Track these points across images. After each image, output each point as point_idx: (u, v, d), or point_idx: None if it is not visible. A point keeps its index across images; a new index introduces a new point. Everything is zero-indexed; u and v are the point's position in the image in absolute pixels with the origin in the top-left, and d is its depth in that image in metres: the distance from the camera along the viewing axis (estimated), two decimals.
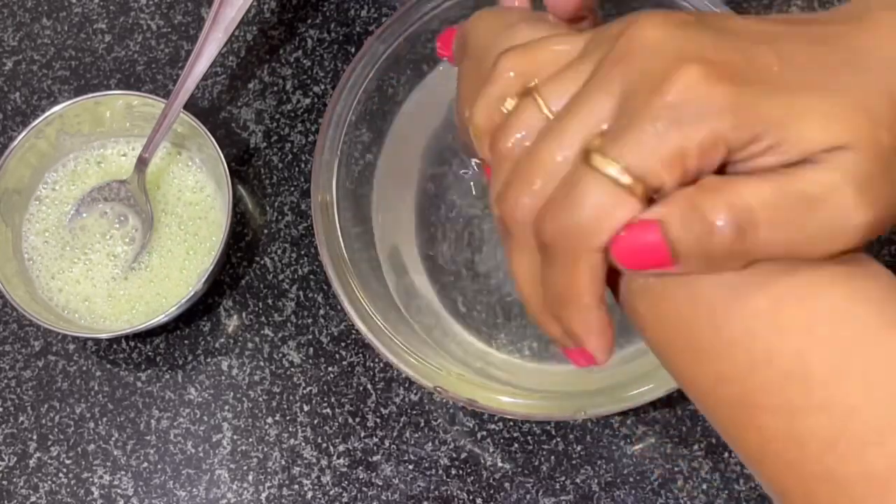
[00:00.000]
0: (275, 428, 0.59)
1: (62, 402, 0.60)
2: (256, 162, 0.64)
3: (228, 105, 0.65)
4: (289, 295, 0.61)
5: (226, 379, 0.60)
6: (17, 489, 0.59)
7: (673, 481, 0.57)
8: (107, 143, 0.63)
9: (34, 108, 0.66)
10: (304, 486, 0.58)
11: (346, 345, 0.60)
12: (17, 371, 0.61)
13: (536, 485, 0.57)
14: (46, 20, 0.67)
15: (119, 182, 0.61)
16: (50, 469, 0.59)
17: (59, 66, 0.66)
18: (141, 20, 0.67)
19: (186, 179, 0.62)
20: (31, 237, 0.61)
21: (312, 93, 0.64)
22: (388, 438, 0.58)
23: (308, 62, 0.65)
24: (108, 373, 0.61)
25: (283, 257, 0.62)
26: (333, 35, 0.65)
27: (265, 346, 0.60)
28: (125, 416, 0.60)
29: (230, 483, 0.58)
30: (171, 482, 0.59)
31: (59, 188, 0.62)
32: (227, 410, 0.60)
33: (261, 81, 0.65)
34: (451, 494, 0.57)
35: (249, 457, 0.59)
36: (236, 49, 0.66)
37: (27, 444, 0.60)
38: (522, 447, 0.58)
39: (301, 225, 0.62)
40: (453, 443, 0.58)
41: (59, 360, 0.61)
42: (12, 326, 0.62)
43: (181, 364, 0.61)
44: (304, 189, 0.63)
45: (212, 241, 0.61)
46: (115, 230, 0.61)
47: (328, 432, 0.59)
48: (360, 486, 0.58)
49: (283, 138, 0.64)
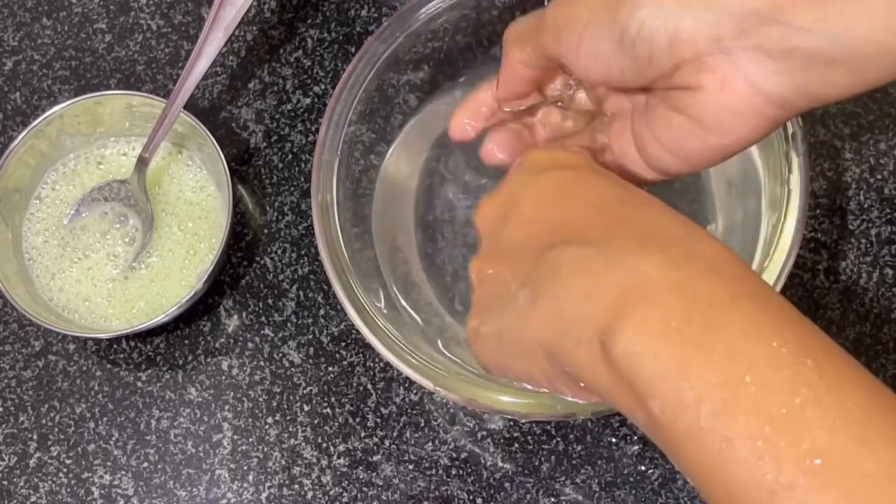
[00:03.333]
0: (275, 428, 0.59)
1: (62, 402, 0.60)
2: (256, 162, 0.64)
3: (228, 105, 0.65)
4: (289, 295, 0.61)
5: (226, 379, 0.60)
6: (17, 489, 0.59)
7: (673, 481, 0.57)
8: (107, 143, 0.63)
9: (34, 108, 0.66)
10: (305, 486, 0.58)
11: (346, 345, 0.60)
12: (17, 371, 0.61)
13: (536, 485, 0.57)
14: (46, 20, 0.67)
15: (119, 182, 0.61)
16: (50, 469, 0.59)
17: (59, 66, 0.66)
18: (141, 20, 0.67)
19: (187, 179, 0.62)
20: (31, 237, 0.61)
21: (312, 93, 0.64)
22: (389, 438, 0.58)
23: (308, 62, 0.65)
24: (108, 373, 0.61)
25: (283, 257, 0.62)
26: (333, 35, 0.65)
27: (265, 346, 0.60)
28: (125, 416, 0.60)
29: (230, 483, 0.58)
30: (171, 482, 0.59)
31: (59, 188, 0.62)
32: (228, 410, 0.60)
33: (261, 81, 0.65)
34: (452, 494, 0.57)
35: (250, 457, 0.59)
36: (236, 49, 0.66)
37: (27, 444, 0.60)
38: (522, 447, 0.58)
39: (301, 225, 0.62)
40: (453, 443, 0.58)
41: (60, 360, 0.61)
42: (12, 326, 0.62)
43: (181, 364, 0.61)
44: (304, 189, 0.63)
45: (212, 241, 0.61)
46: (115, 230, 0.61)
47: (328, 432, 0.59)
48: (360, 486, 0.58)
49: (283, 138, 0.64)
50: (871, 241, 0.59)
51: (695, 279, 0.33)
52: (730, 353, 0.31)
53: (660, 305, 0.33)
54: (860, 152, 0.61)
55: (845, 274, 0.59)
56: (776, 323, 0.32)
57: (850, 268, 0.59)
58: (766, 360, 0.31)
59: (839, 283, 0.59)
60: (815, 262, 0.59)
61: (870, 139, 0.61)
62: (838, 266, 0.59)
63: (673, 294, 0.33)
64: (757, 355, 0.31)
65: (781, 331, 0.32)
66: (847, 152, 0.61)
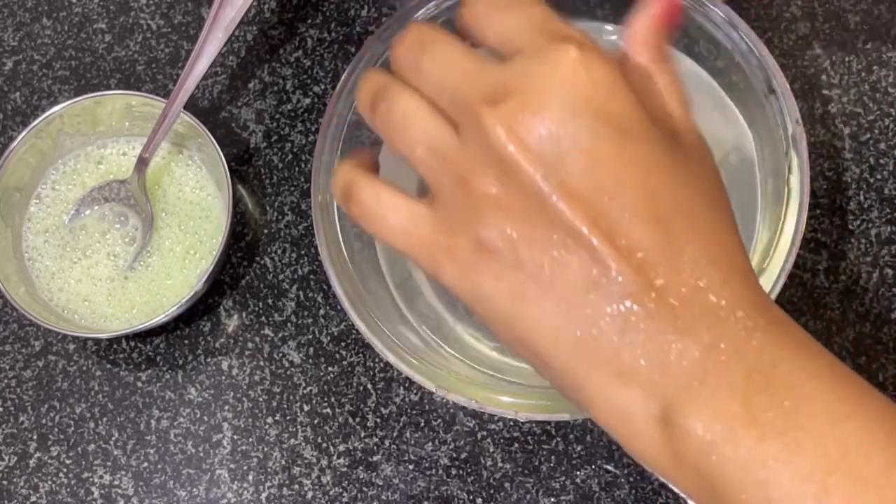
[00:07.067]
0: (275, 428, 0.59)
1: (62, 402, 0.60)
2: (256, 162, 0.64)
3: (228, 105, 0.65)
4: (289, 295, 0.61)
5: (226, 379, 0.60)
6: (17, 489, 0.59)
7: None
8: (107, 142, 0.63)
9: (34, 108, 0.66)
10: (305, 486, 0.58)
11: (346, 345, 0.60)
12: (17, 371, 0.61)
13: (536, 485, 0.57)
14: (46, 20, 0.67)
15: (119, 182, 0.61)
16: (50, 469, 0.59)
17: (59, 66, 0.66)
18: (141, 20, 0.67)
19: (186, 179, 0.62)
20: (31, 237, 0.61)
21: (312, 93, 0.64)
22: (389, 438, 0.58)
23: (308, 62, 0.65)
24: (108, 373, 0.61)
25: (283, 257, 0.62)
26: (333, 35, 0.65)
27: (265, 346, 0.60)
28: (125, 416, 0.60)
29: (230, 483, 0.58)
30: (171, 482, 0.59)
31: (59, 188, 0.62)
32: (227, 410, 0.60)
33: (261, 81, 0.65)
34: (452, 494, 0.57)
35: (249, 457, 0.59)
36: (236, 49, 0.66)
37: (27, 444, 0.60)
38: (522, 447, 0.58)
39: (301, 225, 0.62)
40: (453, 443, 0.58)
41: (59, 360, 0.61)
42: (12, 326, 0.62)
43: (181, 364, 0.61)
44: (304, 189, 0.63)
45: (212, 241, 0.61)
46: (115, 230, 0.61)
47: (328, 432, 0.59)
48: (360, 486, 0.58)
49: (284, 138, 0.64)
50: (871, 241, 0.59)
51: (766, 352, 0.32)
52: (815, 441, 0.30)
53: (734, 386, 0.31)
54: (860, 152, 0.61)
55: (845, 274, 0.59)
56: (856, 400, 0.31)
57: (850, 268, 0.59)
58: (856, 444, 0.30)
59: (839, 283, 0.59)
60: (815, 262, 0.59)
61: (870, 139, 0.61)
62: (838, 266, 0.59)
63: (746, 371, 0.31)
64: (846, 444, 0.30)
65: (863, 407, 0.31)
66: (847, 152, 0.61)
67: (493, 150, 0.33)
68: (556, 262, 0.33)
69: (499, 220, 0.33)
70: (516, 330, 0.34)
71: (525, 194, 0.33)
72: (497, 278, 0.34)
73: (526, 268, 0.33)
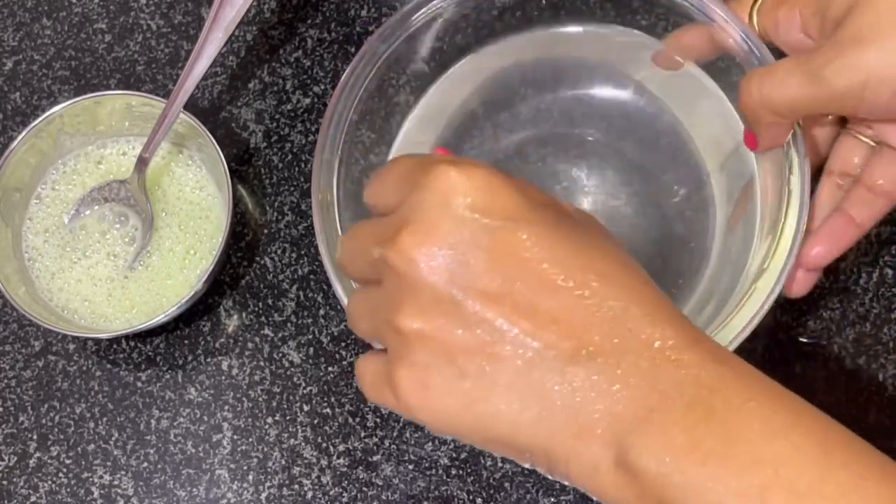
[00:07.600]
0: (275, 428, 0.59)
1: (62, 402, 0.60)
2: (256, 162, 0.64)
3: (228, 105, 0.65)
4: (289, 295, 0.61)
5: (226, 379, 0.60)
6: (17, 489, 0.59)
7: None
8: (107, 142, 0.63)
9: (34, 108, 0.66)
10: (304, 486, 0.58)
11: (346, 345, 0.60)
12: (17, 371, 0.61)
13: (536, 485, 0.57)
14: (46, 20, 0.67)
15: (119, 182, 0.61)
16: (50, 469, 0.59)
17: (59, 66, 0.66)
18: (141, 20, 0.67)
19: (186, 179, 0.62)
20: (31, 237, 0.61)
21: (312, 93, 0.64)
22: (388, 438, 0.58)
23: (308, 62, 0.65)
24: (108, 373, 0.61)
25: (283, 257, 0.62)
26: (333, 35, 0.65)
27: (265, 346, 0.60)
28: (125, 416, 0.60)
29: (230, 483, 0.58)
30: (171, 482, 0.59)
31: (59, 188, 0.62)
32: (227, 410, 0.60)
33: (261, 81, 0.65)
34: (451, 494, 0.57)
35: (249, 457, 0.59)
36: (236, 49, 0.66)
37: (27, 444, 0.60)
38: None
39: (301, 225, 0.62)
40: (453, 443, 0.58)
41: (59, 360, 0.61)
42: (12, 326, 0.62)
43: (181, 364, 0.61)
44: (304, 189, 0.63)
45: (212, 241, 0.61)
46: (115, 230, 0.61)
47: (328, 432, 0.59)
48: (360, 486, 0.58)
49: (283, 138, 0.64)
50: (871, 241, 0.59)
51: (703, 383, 0.34)
52: (753, 459, 0.32)
53: (677, 420, 0.33)
54: None
55: (845, 274, 0.59)
56: (791, 420, 0.33)
57: (850, 268, 0.59)
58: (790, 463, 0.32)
59: (839, 282, 0.59)
60: None
61: None
62: (838, 266, 0.59)
63: (686, 404, 0.33)
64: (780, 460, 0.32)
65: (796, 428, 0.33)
66: None
67: (404, 283, 0.36)
68: (492, 358, 0.35)
69: (429, 346, 0.36)
70: (483, 431, 0.36)
71: (444, 310, 0.35)
72: (447, 395, 0.36)
73: (469, 374, 0.35)
